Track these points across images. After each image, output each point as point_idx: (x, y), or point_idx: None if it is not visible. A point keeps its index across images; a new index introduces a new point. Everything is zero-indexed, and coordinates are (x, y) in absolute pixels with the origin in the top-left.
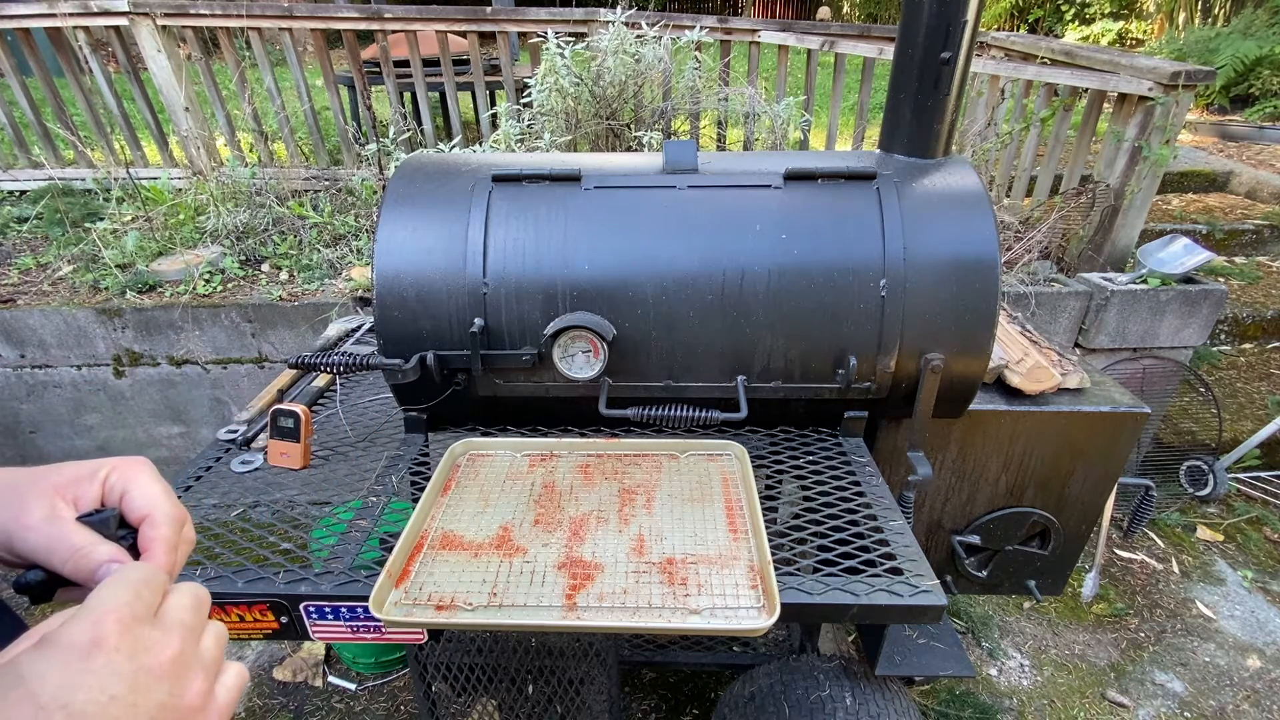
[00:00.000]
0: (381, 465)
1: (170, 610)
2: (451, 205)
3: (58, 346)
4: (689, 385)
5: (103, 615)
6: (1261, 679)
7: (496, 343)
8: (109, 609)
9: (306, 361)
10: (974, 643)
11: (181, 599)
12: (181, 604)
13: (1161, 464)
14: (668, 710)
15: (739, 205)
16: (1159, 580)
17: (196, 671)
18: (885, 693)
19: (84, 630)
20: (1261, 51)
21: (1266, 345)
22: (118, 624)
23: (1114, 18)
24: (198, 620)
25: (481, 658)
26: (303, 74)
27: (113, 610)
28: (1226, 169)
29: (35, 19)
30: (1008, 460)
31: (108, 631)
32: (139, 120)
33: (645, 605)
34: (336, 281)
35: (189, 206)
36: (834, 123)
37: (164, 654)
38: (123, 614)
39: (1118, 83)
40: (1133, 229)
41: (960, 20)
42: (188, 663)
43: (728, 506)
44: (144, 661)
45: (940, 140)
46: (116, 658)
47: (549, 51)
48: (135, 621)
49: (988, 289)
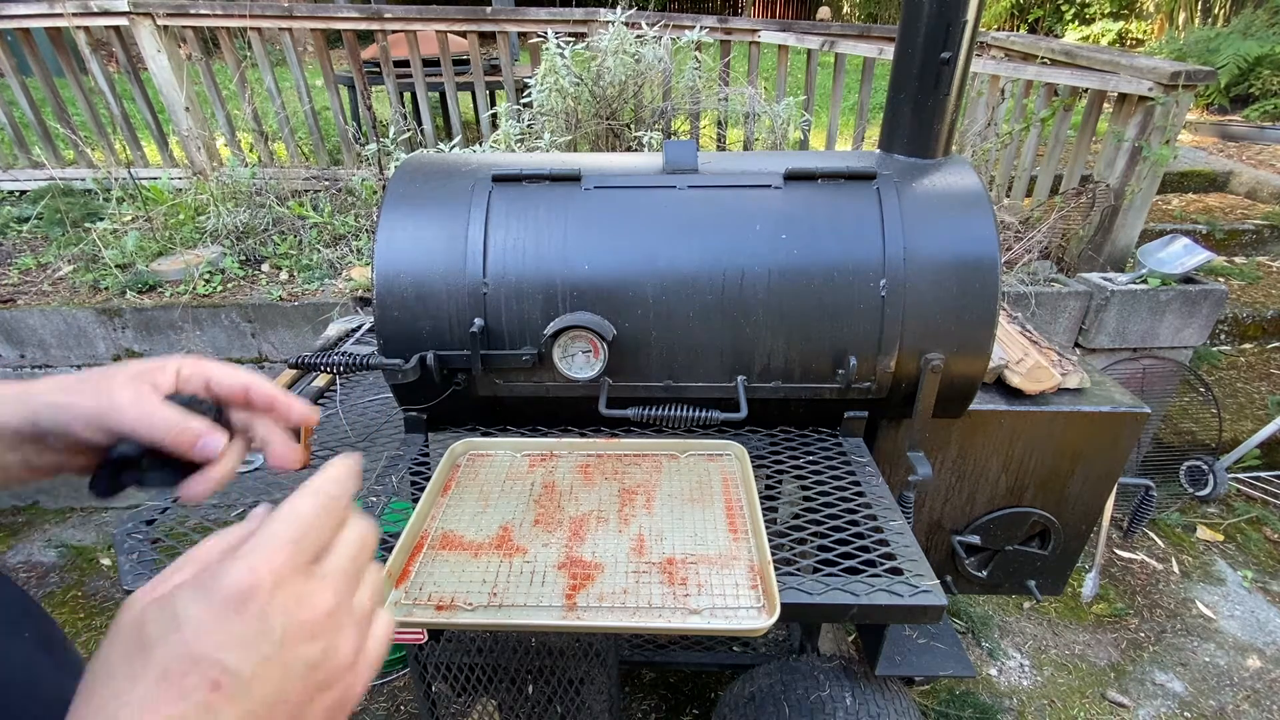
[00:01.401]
0: (381, 465)
1: (332, 558)
2: (451, 205)
3: (58, 346)
4: (689, 385)
5: (258, 564)
6: (1261, 679)
7: (496, 343)
8: (267, 555)
9: (306, 361)
10: (974, 643)
11: (346, 546)
12: (345, 551)
13: (1161, 464)
14: (668, 710)
15: (739, 205)
16: (1159, 580)
17: (349, 627)
18: (885, 693)
19: (240, 577)
20: (1261, 51)
21: (1266, 345)
22: (272, 575)
23: (1114, 18)
24: (357, 568)
25: (481, 658)
26: (303, 74)
27: (269, 558)
28: (1226, 169)
29: (35, 19)
30: (1008, 460)
31: (261, 583)
32: (139, 120)
33: (645, 605)
34: (336, 281)
35: (189, 206)
36: (834, 123)
37: (318, 609)
38: (281, 563)
39: (1118, 83)
40: (1133, 229)
41: (960, 20)
42: (341, 619)
43: (728, 506)
44: (297, 617)
45: (940, 140)
46: (268, 614)
47: (549, 51)
48: (293, 572)
49: (988, 289)
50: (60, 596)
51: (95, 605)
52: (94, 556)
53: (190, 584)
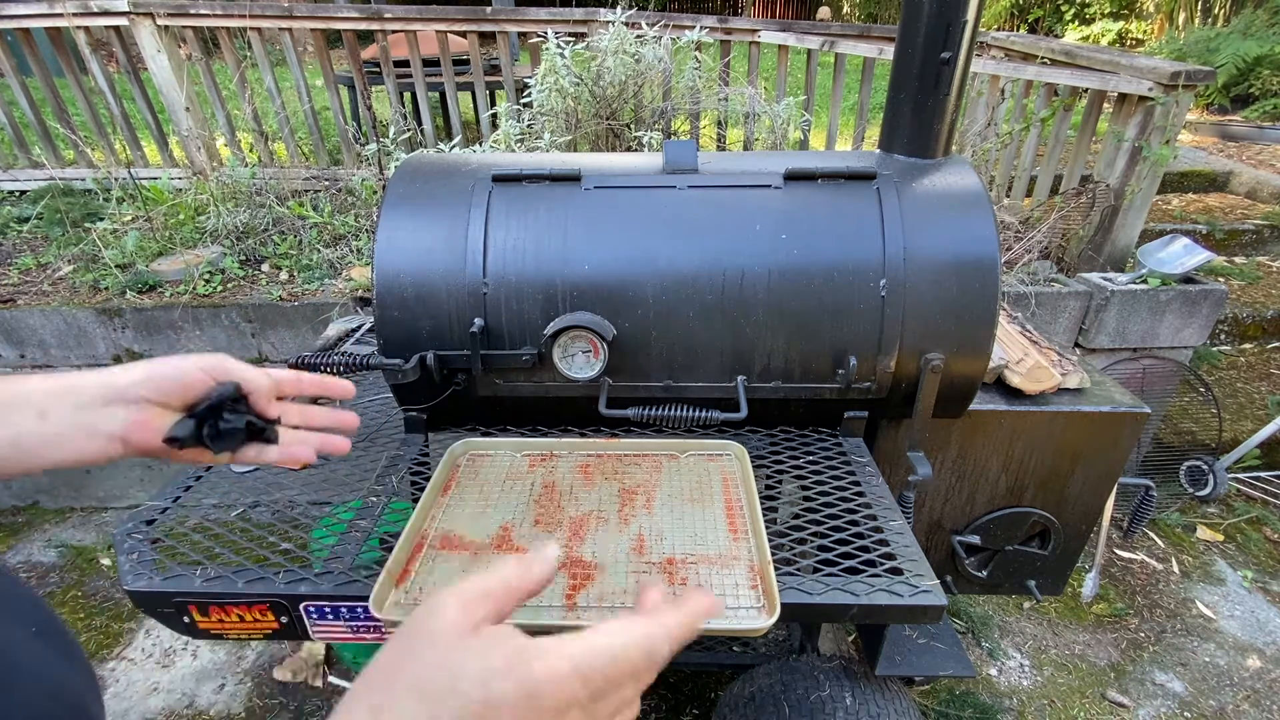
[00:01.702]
0: (381, 465)
1: (609, 698)
2: (451, 205)
3: (58, 346)
4: (689, 385)
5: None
6: (1261, 679)
7: (496, 343)
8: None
9: (306, 361)
10: (974, 643)
11: (629, 688)
12: (625, 695)
13: (1161, 464)
14: (668, 710)
15: (739, 205)
16: (1159, 580)
17: None
18: (885, 693)
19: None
20: (1261, 51)
21: (1266, 345)
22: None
23: (1114, 18)
24: (620, 708)
25: None
26: (303, 74)
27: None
28: (1226, 169)
29: (35, 19)
30: (1008, 460)
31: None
32: (139, 120)
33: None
34: (336, 281)
35: (189, 206)
36: (834, 123)
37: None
38: (579, 692)
39: (1118, 83)
40: (1133, 229)
41: (960, 20)
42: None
43: (728, 506)
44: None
45: (940, 140)
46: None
47: (549, 51)
48: (578, 706)
49: (988, 289)
50: (60, 596)
51: (95, 605)
52: (94, 556)
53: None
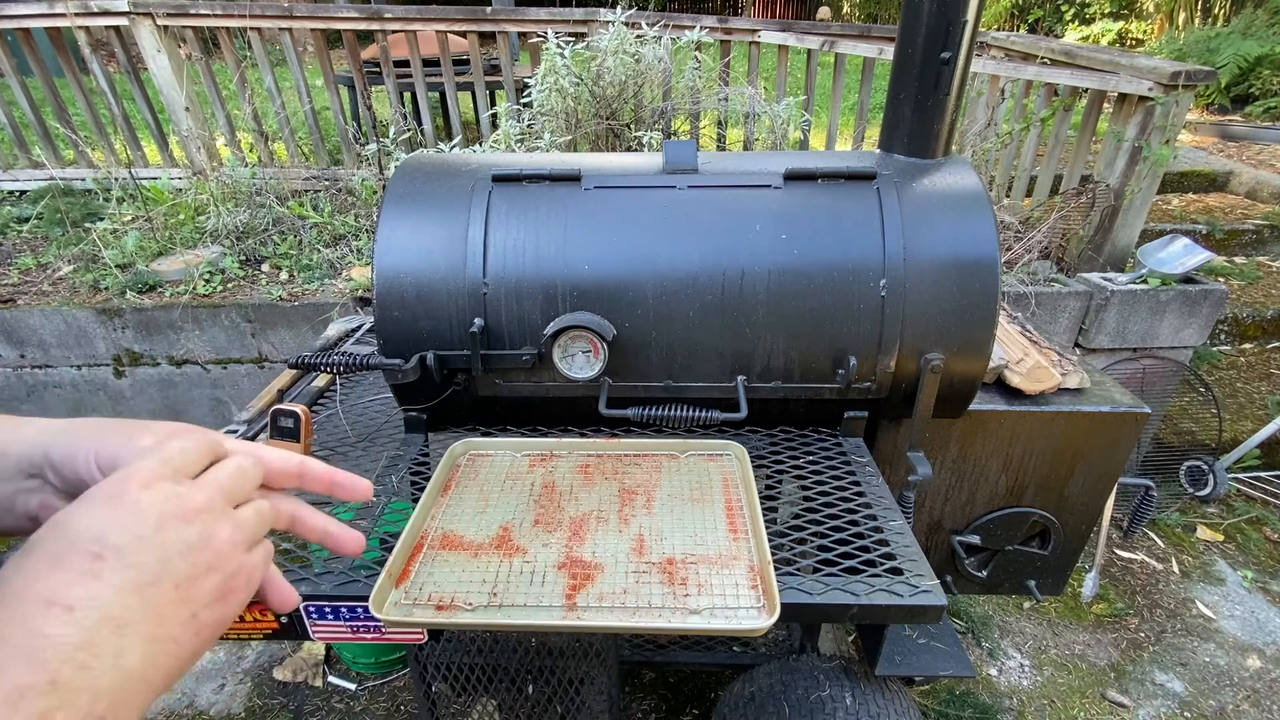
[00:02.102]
0: (381, 465)
1: (207, 474)
2: (451, 205)
3: (58, 346)
4: (689, 385)
5: (127, 474)
6: (1261, 679)
7: (496, 343)
8: (135, 469)
9: (306, 361)
10: (974, 643)
11: (222, 467)
12: (221, 470)
13: (1161, 464)
14: (668, 710)
15: (739, 205)
16: (1159, 580)
17: (225, 523)
18: (885, 693)
19: (110, 484)
20: (1261, 51)
21: (1266, 345)
22: (140, 478)
23: (1114, 18)
24: (236, 485)
25: (481, 658)
26: (303, 74)
27: (137, 470)
28: (1226, 169)
29: (35, 19)
30: (1008, 460)
31: (131, 485)
32: (139, 120)
33: (645, 605)
34: (336, 281)
35: (189, 206)
36: (834, 123)
37: (189, 503)
38: (147, 472)
39: (1118, 83)
40: (1133, 229)
41: (960, 20)
42: (215, 514)
43: (728, 506)
44: (167, 508)
45: (940, 140)
46: (140, 504)
47: (549, 51)
48: (159, 478)
49: (988, 289)
50: None
51: None
52: None
53: (70, 505)
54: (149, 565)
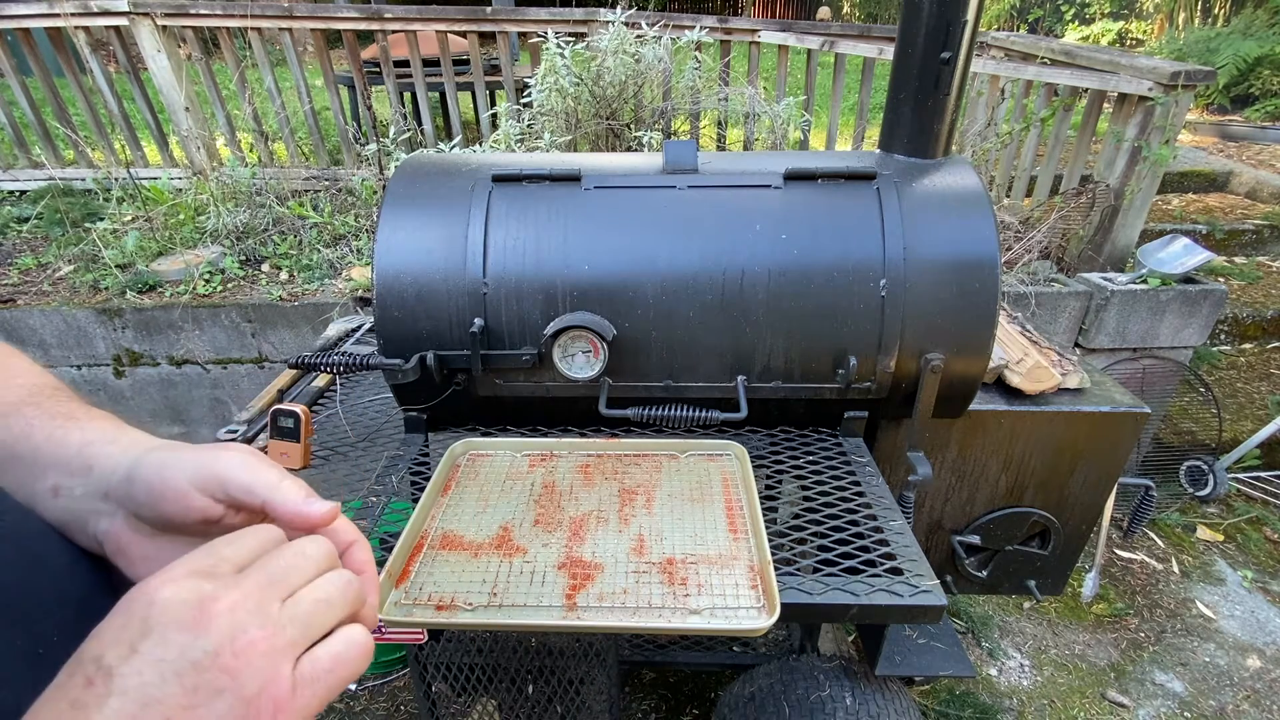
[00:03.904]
0: (381, 465)
1: (253, 566)
2: (451, 205)
3: (58, 346)
4: (689, 385)
5: (161, 574)
6: (1261, 679)
7: (496, 343)
8: (172, 568)
9: (306, 361)
10: (974, 643)
11: (278, 553)
12: (274, 557)
13: (1161, 464)
14: (668, 710)
15: (739, 205)
16: (1159, 580)
17: (254, 628)
18: (885, 693)
19: (137, 588)
20: (1261, 51)
21: (1266, 345)
22: (166, 576)
23: (1114, 18)
24: (289, 573)
25: (481, 658)
26: (303, 74)
27: (173, 568)
28: (1226, 169)
29: (35, 19)
30: (1008, 460)
31: (153, 584)
32: (139, 120)
33: (645, 605)
34: (336, 281)
35: (189, 206)
36: (834, 123)
37: (209, 605)
38: (179, 567)
39: (1118, 83)
40: (1133, 229)
41: (960, 20)
42: (240, 618)
43: (728, 506)
44: (179, 614)
45: (940, 140)
46: (152, 609)
47: (549, 51)
48: (190, 575)
49: (988, 289)
50: None
51: None
52: None
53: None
54: (138, 690)
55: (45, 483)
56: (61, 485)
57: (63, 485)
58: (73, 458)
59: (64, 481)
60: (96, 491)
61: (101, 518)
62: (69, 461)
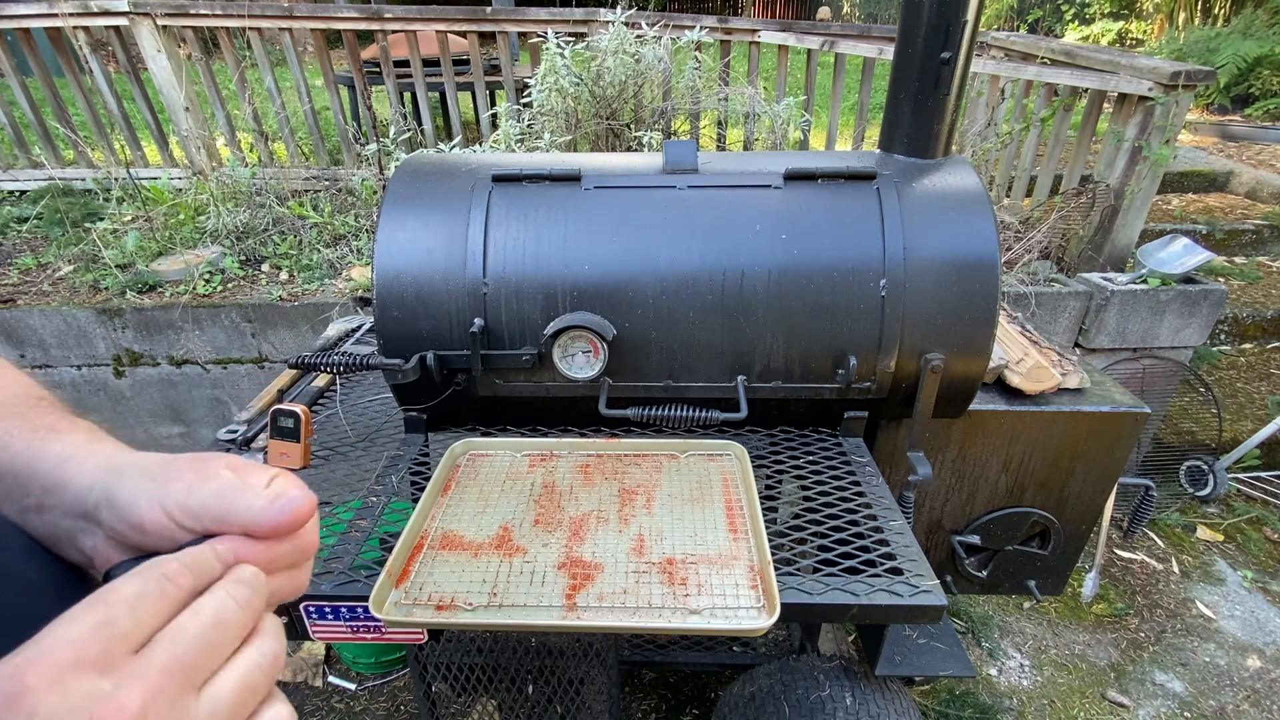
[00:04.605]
0: (381, 465)
1: (159, 643)
2: (451, 205)
3: (58, 346)
4: (689, 385)
5: (35, 658)
6: (1261, 679)
7: (496, 343)
8: (49, 646)
9: (306, 361)
10: (974, 643)
11: (189, 621)
12: (184, 629)
13: (1161, 464)
14: (668, 710)
15: (739, 205)
16: (1159, 580)
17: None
18: (885, 693)
19: (5, 679)
20: (1261, 51)
21: (1266, 345)
22: (51, 670)
23: (1114, 18)
24: (205, 651)
25: (481, 658)
26: (303, 74)
27: (51, 651)
28: (1226, 169)
29: (35, 19)
30: (1008, 460)
31: (31, 683)
32: (139, 120)
33: (645, 605)
34: (336, 281)
35: (189, 206)
36: (834, 123)
37: (111, 715)
38: (65, 656)
39: (1118, 83)
40: (1133, 229)
41: (960, 20)
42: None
43: (728, 506)
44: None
45: (940, 140)
46: (39, 716)
47: (549, 51)
48: (81, 666)
49: (988, 289)
50: None
51: None
52: None
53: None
54: None
55: (29, 498)
56: (44, 502)
57: (45, 502)
58: (50, 472)
59: (45, 499)
60: (74, 511)
61: (85, 535)
62: (47, 476)
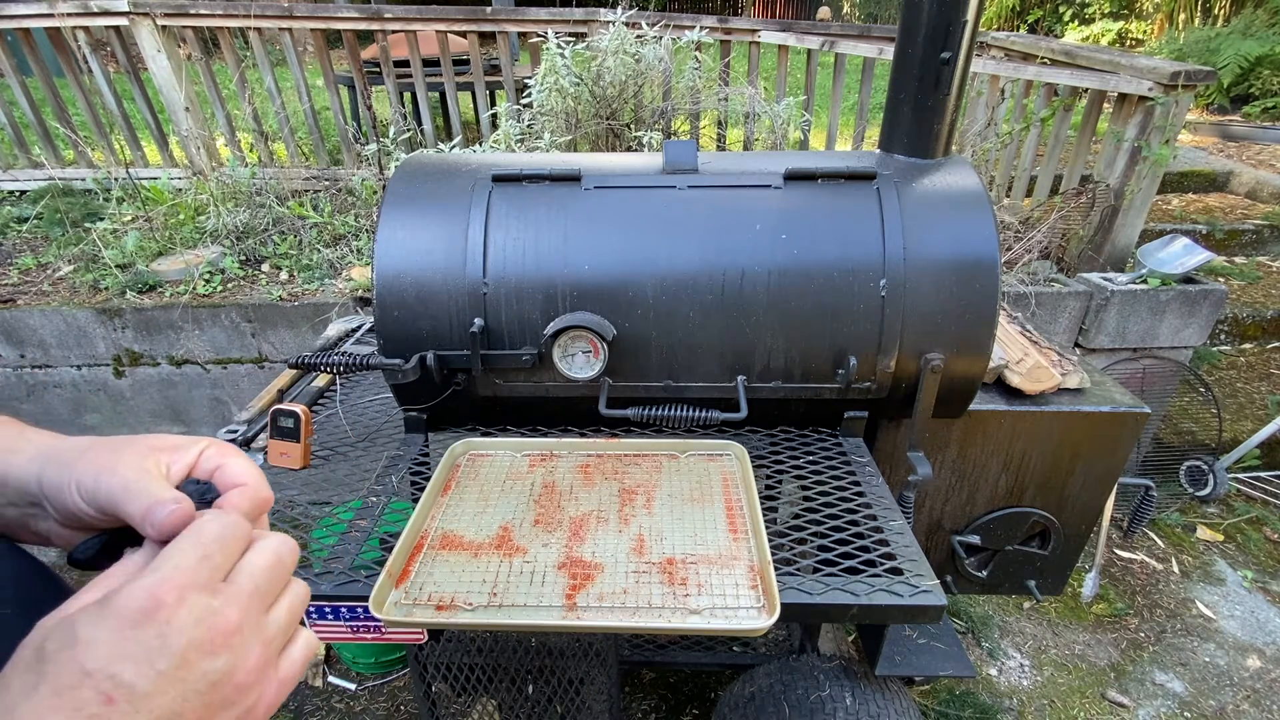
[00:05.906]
0: (381, 465)
1: (242, 573)
2: (451, 205)
3: (58, 346)
4: (689, 385)
5: (161, 581)
6: (1261, 679)
7: (496, 343)
8: (169, 574)
9: (306, 361)
10: (974, 643)
11: (258, 559)
12: (256, 565)
13: (1161, 464)
14: (668, 710)
15: (739, 205)
16: (1159, 580)
17: (255, 645)
18: (885, 693)
19: (140, 596)
20: (1261, 51)
21: (1266, 345)
22: (175, 591)
23: (1114, 18)
24: (272, 583)
25: (481, 658)
26: (303, 74)
27: (172, 576)
28: (1226, 169)
29: (35, 19)
30: (1008, 460)
31: (164, 599)
32: (139, 120)
33: (645, 605)
34: (336, 281)
35: (189, 206)
36: (834, 123)
37: (221, 626)
38: (183, 580)
39: (1118, 83)
40: (1133, 229)
41: (960, 20)
42: (246, 637)
43: (728, 506)
44: (196, 635)
45: (940, 140)
46: (169, 629)
47: (549, 51)
48: (196, 588)
49: (988, 289)
50: None
51: None
52: None
53: (93, 605)
54: (162, 710)
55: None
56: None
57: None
58: None
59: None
60: (20, 500)
61: (37, 520)
62: None
